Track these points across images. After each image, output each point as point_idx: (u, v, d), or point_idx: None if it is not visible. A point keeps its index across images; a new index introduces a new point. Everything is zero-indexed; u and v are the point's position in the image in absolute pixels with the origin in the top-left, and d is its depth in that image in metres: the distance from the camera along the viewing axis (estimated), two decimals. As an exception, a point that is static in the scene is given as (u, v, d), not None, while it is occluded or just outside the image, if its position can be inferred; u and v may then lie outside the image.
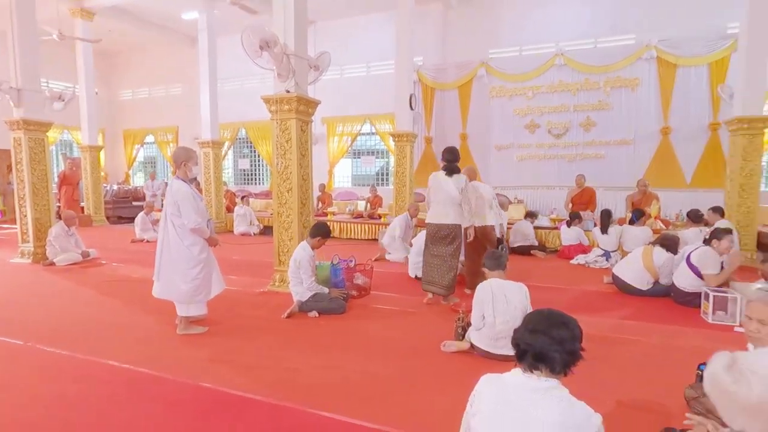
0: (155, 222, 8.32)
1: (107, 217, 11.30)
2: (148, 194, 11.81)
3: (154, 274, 3.51)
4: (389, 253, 6.69)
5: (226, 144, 12.49)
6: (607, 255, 6.31)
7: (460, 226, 4.32)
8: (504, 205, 7.52)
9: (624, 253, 5.82)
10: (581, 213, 7.40)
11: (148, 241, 8.14)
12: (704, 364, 2.42)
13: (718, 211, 6.28)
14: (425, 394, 2.55)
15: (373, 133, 11.44)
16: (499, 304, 2.91)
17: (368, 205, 9.50)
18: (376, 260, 6.44)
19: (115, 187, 12.72)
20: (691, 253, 4.36)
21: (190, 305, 3.49)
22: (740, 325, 3.51)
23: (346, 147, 11.54)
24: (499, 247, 6.57)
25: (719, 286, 4.18)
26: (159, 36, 12.27)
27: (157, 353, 3.14)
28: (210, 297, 3.61)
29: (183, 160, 3.42)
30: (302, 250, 3.99)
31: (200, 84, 9.57)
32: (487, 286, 3.01)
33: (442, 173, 4.35)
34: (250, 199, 10.68)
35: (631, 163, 8.91)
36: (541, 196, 9.52)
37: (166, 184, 3.67)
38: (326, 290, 4.08)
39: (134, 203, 12.22)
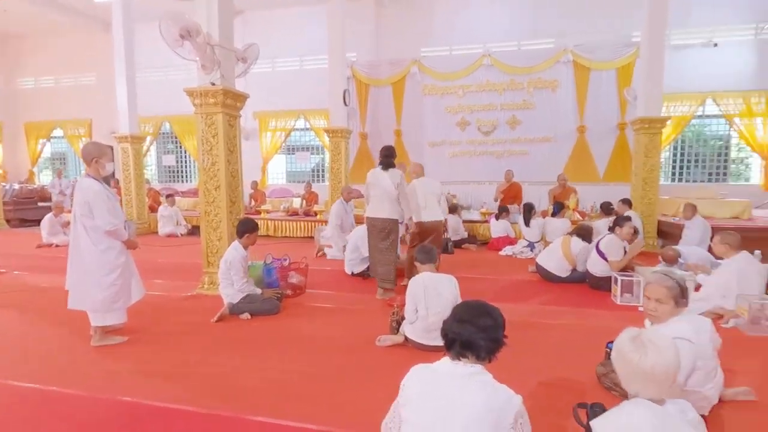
0: (65, 224, 7.57)
1: (7, 221, 10.10)
2: (55, 193, 10.70)
3: (66, 283, 3.20)
4: (330, 247, 6.60)
5: (148, 139, 11.64)
6: (531, 246, 6.73)
7: (395, 221, 4.44)
8: (448, 201, 7.79)
9: (547, 244, 6.24)
10: (509, 207, 7.83)
11: (57, 246, 7.40)
12: (612, 342, 2.69)
13: (627, 202, 6.95)
14: (362, 389, 2.56)
15: (307, 129, 11.24)
16: (431, 298, 3.00)
17: (303, 201, 9.34)
18: (318, 256, 6.50)
19: (17, 186, 11.35)
20: (599, 241, 4.80)
21: (106, 314, 3.22)
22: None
23: (280, 143, 11.24)
24: (447, 243, 6.86)
25: (624, 270, 4.64)
26: (66, 19, 11.10)
27: (69, 369, 2.87)
28: (130, 303, 3.36)
29: (94, 156, 3.14)
30: (234, 251, 3.84)
31: (116, 73, 8.80)
32: (420, 280, 3.09)
33: (378, 169, 4.47)
34: (177, 198, 10.05)
35: (552, 159, 9.53)
36: (472, 191, 9.90)
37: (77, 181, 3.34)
38: (259, 291, 3.95)
39: (40, 204, 11.00)
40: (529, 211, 6.81)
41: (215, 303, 3.97)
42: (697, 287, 4.19)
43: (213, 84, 4.26)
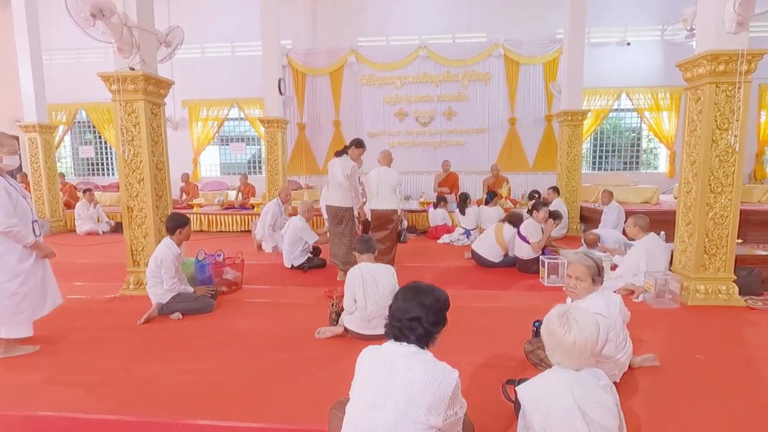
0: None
1: None
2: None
3: None
4: (266, 243, 6.43)
5: (61, 128, 10.62)
6: (467, 233, 6.99)
7: (347, 208, 4.68)
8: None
9: (482, 231, 6.50)
10: (446, 196, 8.06)
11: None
12: (539, 321, 2.87)
13: (555, 190, 7.42)
14: (301, 382, 2.53)
15: (242, 119, 10.79)
16: (369, 287, 3.02)
17: (239, 194, 8.99)
18: (259, 250, 6.38)
19: None
20: (521, 226, 5.11)
21: (8, 327, 2.89)
22: (567, 285, 4.22)
23: (212, 133, 10.69)
24: (401, 232, 6.99)
25: (549, 252, 4.97)
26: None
27: (-33, 385, 2.56)
28: (39, 315, 3.01)
29: None
30: (166, 248, 3.61)
31: (18, 54, 7.88)
32: (357, 270, 3.10)
33: (335, 158, 4.71)
34: (98, 193, 9.27)
35: (486, 149, 9.94)
36: (411, 181, 10.08)
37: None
38: (191, 289, 3.76)
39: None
40: (464, 200, 7.06)
41: (142, 304, 3.72)
42: (613, 267, 4.59)
43: (132, 69, 3.94)
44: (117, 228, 8.07)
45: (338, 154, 4.72)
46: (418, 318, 1.57)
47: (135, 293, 4.20)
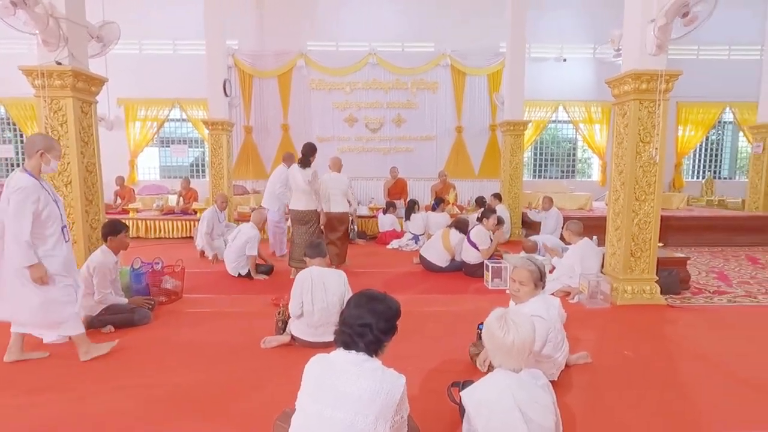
0: None
1: None
2: None
3: None
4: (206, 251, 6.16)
5: (-25, 125, 9.62)
6: (416, 238, 7.09)
7: (312, 210, 5.01)
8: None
9: (429, 236, 6.62)
10: (395, 202, 8.15)
11: None
12: (482, 324, 2.96)
13: (498, 196, 7.70)
14: (245, 393, 2.44)
15: (184, 120, 10.31)
16: (318, 291, 2.97)
17: (181, 199, 8.56)
18: (203, 256, 6.13)
19: None
20: (470, 231, 5.27)
21: None
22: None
23: (151, 134, 10.12)
24: (351, 233, 7.03)
25: (493, 257, 5.16)
26: None
27: None
28: None
29: (39, 148, 2.63)
30: (101, 255, 3.38)
31: None
32: (307, 273, 3.05)
33: (297, 166, 5.00)
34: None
35: (434, 156, 10.18)
36: (361, 186, 10.09)
37: None
38: (124, 300, 3.52)
39: None
40: (411, 206, 7.18)
41: (68, 317, 3.43)
42: (552, 269, 4.84)
43: (59, 63, 3.65)
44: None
45: (302, 164, 4.94)
46: (368, 324, 1.56)
47: (60, 306, 3.86)
